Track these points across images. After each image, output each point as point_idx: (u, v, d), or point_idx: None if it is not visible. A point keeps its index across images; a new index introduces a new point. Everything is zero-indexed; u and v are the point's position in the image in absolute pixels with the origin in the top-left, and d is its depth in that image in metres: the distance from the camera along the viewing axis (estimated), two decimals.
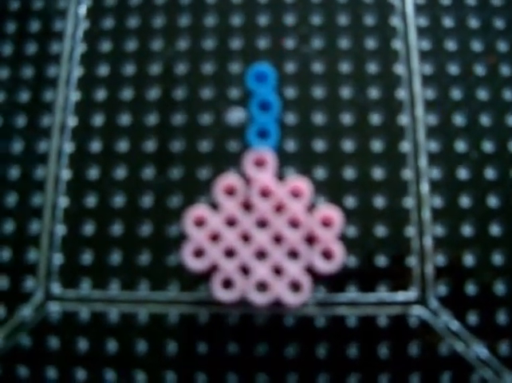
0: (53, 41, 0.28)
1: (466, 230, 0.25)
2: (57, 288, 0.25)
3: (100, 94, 0.27)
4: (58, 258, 0.25)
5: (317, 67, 0.27)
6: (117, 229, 0.25)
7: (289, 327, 0.24)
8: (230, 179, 0.24)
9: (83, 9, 0.28)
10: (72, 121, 0.27)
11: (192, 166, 0.26)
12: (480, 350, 0.24)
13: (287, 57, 0.27)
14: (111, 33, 0.28)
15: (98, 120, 0.27)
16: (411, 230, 0.25)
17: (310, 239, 0.23)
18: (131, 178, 0.26)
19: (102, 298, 0.25)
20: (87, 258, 0.25)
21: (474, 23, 0.27)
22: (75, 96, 0.27)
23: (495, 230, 0.25)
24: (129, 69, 0.27)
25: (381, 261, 0.25)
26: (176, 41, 0.27)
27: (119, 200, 0.26)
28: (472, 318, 0.24)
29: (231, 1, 0.28)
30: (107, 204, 0.26)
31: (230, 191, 0.24)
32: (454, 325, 0.24)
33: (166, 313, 0.25)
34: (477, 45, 0.27)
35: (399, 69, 0.27)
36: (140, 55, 0.27)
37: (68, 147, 0.26)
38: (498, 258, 0.25)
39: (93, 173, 0.26)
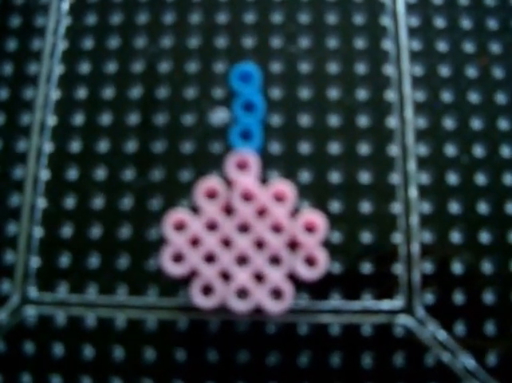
0: (35, 37, 0.27)
1: (455, 236, 0.24)
2: (33, 292, 0.24)
3: (81, 92, 0.26)
4: (35, 261, 0.25)
5: (304, 67, 0.26)
6: (96, 232, 0.25)
7: (270, 335, 0.24)
8: (211, 182, 0.23)
9: (65, 5, 0.27)
10: (52, 120, 0.26)
11: (173, 168, 0.25)
12: (467, 361, 0.23)
13: (273, 56, 0.26)
14: (93, 29, 0.27)
15: (78, 119, 0.26)
16: (398, 237, 0.24)
17: (293, 245, 0.23)
18: (111, 179, 0.25)
19: (79, 302, 0.24)
20: (64, 261, 0.24)
21: (466, 23, 0.27)
22: (55, 94, 0.26)
23: (485, 237, 0.24)
24: (111, 67, 0.26)
25: (366, 268, 0.24)
26: (160, 38, 0.27)
27: (98, 202, 0.25)
28: (460, 328, 0.24)
29: None
30: (86, 206, 0.25)
31: (212, 195, 0.23)
32: (442, 334, 0.24)
33: (144, 318, 0.24)
34: (469, 46, 0.27)
35: (389, 69, 0.26)
36: (123, 53, 0.27)
37: (48, 146, 0.26)
38: (487, 266, 0.24)
39: (73, 174, 0.25)
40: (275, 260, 0.23)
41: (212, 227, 0.23)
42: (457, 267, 0.24)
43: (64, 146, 0.26)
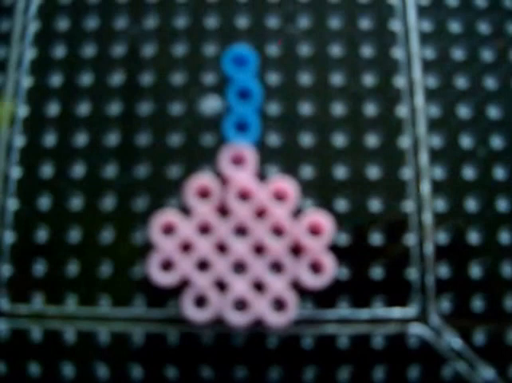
0: (2, 17, 0.25)
1: (473, 237, 0.23)
2: (5, 303, 0.23)
3: (56, 79, 0.25)
4: (7, 270, 0.23)
5: (304, 50, 0.25)
6: (74, 236, 0.23)
7: (271, 348, 0.22)
8: (203, 179, 0.22)
9: None
10: (23, 111, 0.24)
11: (160, 163, 0.24)
12: (487, 373, 0.22)
13: (270, 38, 0.25)
14: (68, 9, 0.25)
15: (53, 109, 0.24)
16: (411, 238, 0.23)
17: (296, 249, 0.22)
18: (90, 177, 0.24)
19: (57, 314, 0.23)
20: (40, 269, 0.23)
21: (480, 2, 0.25)
22: (27, 81, 0.25)
23: (504, 237, 0.23)
24: (89, 51, 0.25)
25: (377, 273, 0.23)
26: (142, 18, 0.25)
27: (76, 203, 0.23)
28: (479, 337, 0.22)
29: None
30: (62, 207, 0.23)
31: (204, 194, 0.22)
32: (459, 345, 0.22)
33: (130, 332, 0.23)
34: (484, 27, 0.25)
35: (397, 52, 0.25)
36: (102, 34, 0.25)
37: (19, 140, 0.24)
38: (507, 270, 0.23)
39: (47, 171, 0.24)
40: (276, 267, 0.22)
41: (205, 230, 0.22)
42: (475, 270, 0.23)
43: (37, 140, 0.24)
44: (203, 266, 0.21)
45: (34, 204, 0.23)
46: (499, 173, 0.23)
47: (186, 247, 0.22)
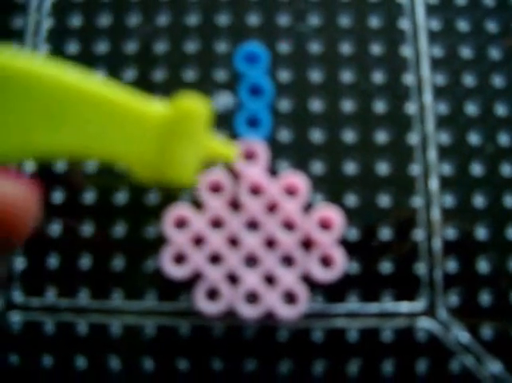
0: (16, 14, 0.25)
1: (481, 232, 0.23)
2: (18, 296, 0.23)
3: None
4: (20, 263, 0.23)
5: (315, 47, 0.24)
6: (87, 229, 0.23)
7: (282, 341, 0.22)
8: (215, 174, 0.22)
9: None
10: None
11: None
12: (494, 367, 0.22)
13: (281, 35, 0.24)
14: (82, 6, 0.25)
15: None
16: (419, 233, 0.23)
17: (307, 243, 0.22)
18: (102, 171, 0.23)
19: (70, 307, 0.23)
20: (53, 262, 0.23)
21: (488, 1, 0.25)
22: None
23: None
24: (101, 47, 0.25)
25: (386, 267, 0.23)
26: (155, 16, 0.25)
27: (89, 197, 0.23)
28: (486, 332, 0.22)
29: None
30: (75, 200, 0.23)
31: (216, 188, 0.22)
32: (466, 339, 0.22)
33: (142, 324, 0.22)
34: (492, 26, 0.25)
35: (406, 50, 0.24)
36: (114, 32, 0.25)
37: None
38: None
39: (60, 166, 0.23)
40: (287, 260, 0.21)
41: (217, 224, 0.22)
42: (483, 265, 0.22)
43: None
44: (215, 259, 0.21)
45: (47, 197, 0.23)
46: (507, 170, 0.23)
47: (198, 241, 0.21)
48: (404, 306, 0.22)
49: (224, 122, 0.23)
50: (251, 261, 0.21)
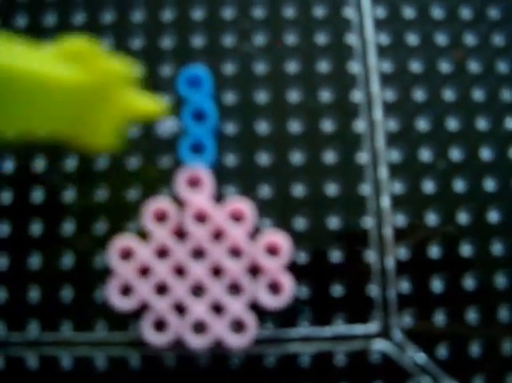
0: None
1: (434, 251, 0.22)
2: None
3: None
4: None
5: (260, 67, 0.24)
6: (34, 261, 0.22)
7: (234, 369, 0.22)
8: (160, 202, 0.21)
9: None
10: None
11: (118, 186, 0.23)
12: None
13: (225, 56, 0.24)
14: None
15: None
16: (371, 254, 0.22)
17: (254, 270, 0.21)
18: (48, 201, 0.23)
19: (19, 341, 0.22)
20: (0, 295, 0.22)
21: (437, 13, 0.25)
22: None
23: (466, 250, 0.23)
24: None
25: (337, 290, 0.22)
26: (98, 37, 0.24)
27: (35, 227, 0.23)
28: (442, 352, 0.22)
29: None
30: (22, 233, 0.23)
31: (161, 217, 0.21)
32: (422, 359, 0.22)
33: (92, 356, 0.22)
34: (442, 39, 0.24)
35: (355, 67, 0.24)
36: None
37: None
38: (469, 283, 0.22)
39: (6, 197, 0.23)
40: (235, 288, 0.21)
41: (163, 253, 0.21)
42: (436, 284, 0.22)
43: None
44: (162, 289, 0.21)
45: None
46: (459, 186, 0.23)
47: (144, 271, 0.21)
48: (358, 329, 0.22)
49: (168, 148, 0.23)
50: (198, 290, 0.21)
